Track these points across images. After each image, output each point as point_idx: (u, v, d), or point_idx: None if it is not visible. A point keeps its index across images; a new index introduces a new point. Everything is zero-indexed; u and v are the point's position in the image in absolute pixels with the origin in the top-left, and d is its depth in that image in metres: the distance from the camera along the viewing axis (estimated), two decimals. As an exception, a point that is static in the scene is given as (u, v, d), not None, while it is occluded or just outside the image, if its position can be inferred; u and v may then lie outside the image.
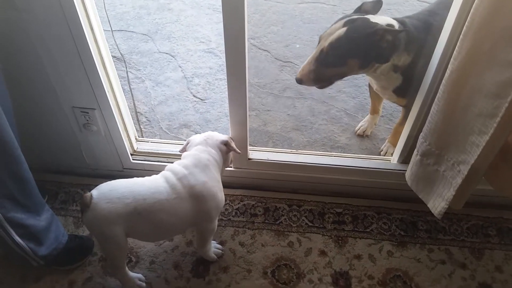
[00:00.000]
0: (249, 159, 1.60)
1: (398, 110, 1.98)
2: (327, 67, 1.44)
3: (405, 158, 1.57)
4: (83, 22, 1.20)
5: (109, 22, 2.68)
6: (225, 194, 1.52)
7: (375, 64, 1.43)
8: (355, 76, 2.04)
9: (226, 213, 1.59)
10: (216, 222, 1.33)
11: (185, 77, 2.27)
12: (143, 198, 1.15)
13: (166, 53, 2.43)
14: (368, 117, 1.97)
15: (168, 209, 1.17)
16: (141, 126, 1.98)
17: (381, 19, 1.38)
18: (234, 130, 1.50)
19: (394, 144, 1.80)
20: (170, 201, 1.17)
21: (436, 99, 1.14)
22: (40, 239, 1.30)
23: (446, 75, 1.07)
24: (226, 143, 1.35)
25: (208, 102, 2.12)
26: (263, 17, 2.73)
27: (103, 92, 1.39)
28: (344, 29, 1.37)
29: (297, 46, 2.46)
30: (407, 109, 1.61)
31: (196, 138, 1.35)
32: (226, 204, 1.61)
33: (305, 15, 2.72)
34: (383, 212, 1.59)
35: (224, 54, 1.28)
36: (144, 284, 1.37)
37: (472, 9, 0.94)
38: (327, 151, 1.87)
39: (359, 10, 1.47)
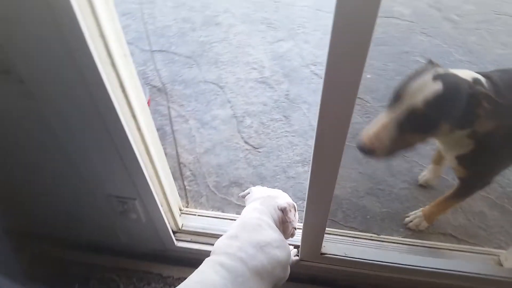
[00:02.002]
0: (322, 254, 1.28)
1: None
2: (412, 132, 1.08)
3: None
4: (120, 114, 0.90)
5: (148, 39, 2.38)
6: None
7: (457, 130, 1.12)
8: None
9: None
10: (289, 269, 1.11)
11: (235, 116, 1.94)
12: None
13: (213, 83, 2.11)
14: (430, 167, 1.66)
15: None
16: (185, 183, 1.69)
17: (465, 73, 1.10)
18: (309, 213, 1.14)
19: (427, 219, 1.50)
20: (245, 285, 0.94)
21: None
22: None
23: None
24: (283, 210, 1.09)
25: (262, 152, 1.79)
26: (326, 35, 2.33)
27: (145, 182, 1.10)
28: (440, 84, 1.03)
29: (368, 76, 2.07)
30: (463, 185, 1.36)
31: (257, 191, 1.18)
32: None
33: (376, 34, 2.31)
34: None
35: (279, 86, 0.97)
36: None
37: None
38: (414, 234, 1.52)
39: (431, 63, 1.16)
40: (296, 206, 1.14)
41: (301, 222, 1.18)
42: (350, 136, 0.87)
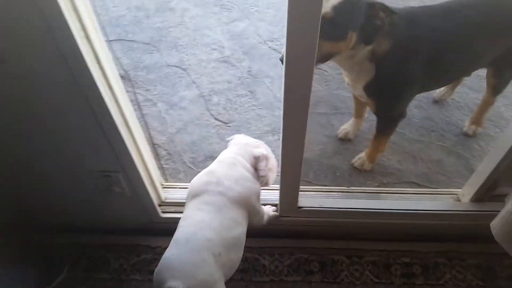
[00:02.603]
0: (299, 207, 1.38)
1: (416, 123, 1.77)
2: (326, 42, 1.20)
3: (479, 196, 1.36)
4: (100, 85, 0.95)
5: (104, 30, 2.37)
6: (272, 247, 1.42)
7: (361, 45, 1.27)
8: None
9: (276, 271, 1.38)
10: (262, 208, 1.27)
11: (202, 96, 2.00)
12: (209, 240, 1.00)
13: (176, 66, 2.15)
14: (351, 120, 1.81)
15: (230, 224, 1.07)
16: (162, 162, 1.73)
17: None
18: (284, 178, 1.26)
19: (370, 159, 1.68)
20: (225, 216, 1.07)
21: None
22: None
23: None
24: (256, 158, 1.21)
25: (232, 126, 1.87)
26: (279, 13, 2.42)
27: (128, 154, 1.15)
28: None
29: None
30: (379, 119, 1.53)
31: (240, 138, 1.30)
32: (275, 260, 1.40)
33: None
34: (455, 258, 1.40)
35: (240, 63, 1.04)
36: None
37: None
38: (377, 179, 1.66)
39: None
40: (272, 158, 1.25)
41: (279, 183, 1.28)
42: (313, 104, 0.96)
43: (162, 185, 1.50)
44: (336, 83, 2.01)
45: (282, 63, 1.17)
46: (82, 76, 0.92)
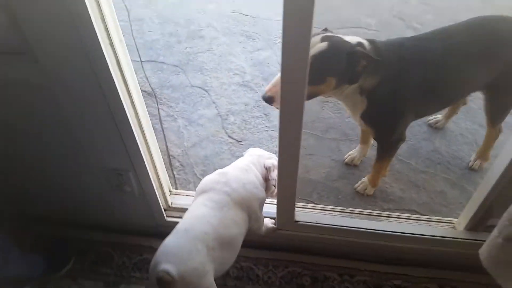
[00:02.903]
0: (296, 221, 1.44)
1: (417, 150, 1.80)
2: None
3: (473, 225, 1.38)
4: (119, 88, 1.08)
5: (138, 51, 2.58)
6: (268, 258, 1.49)
7: (345, 85, 1.37)
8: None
9: (269, 281, 1.43)
10: (263, 217, 1.35)
11: (220, 115, 2.13)
12: (205, 233, 1.10)
13: (199, 87, 2.30)
14: (358, 147, 1.88)
15: (228, 223, 1.15)
16: (174, 172, 1.85)
17: (352, 38, 1.35)
18: (281, 191, 1.33)
19: (371, 183, 1.72)
20: (226, 215, 1.16)
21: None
22: None
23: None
24: (267, 168, 1.32)
25: (244, 144, 1.97)
26: (300, 45, 2.56)
27: (139, 154, 1.27)
28: (325, 44, 1.29)
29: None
30: (380, 144, 1.61)
31: (254, 150, 1.41)
32: (269, 271, 1.45)
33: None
34: (446, 285, 1.41)
35: (259, 88, 1.14)
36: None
37: None
38: (379, 205, 1.70)
39: (326, 30, 1.42)
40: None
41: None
42: (324, 130, 1.02)
43: (171, 191, 1.61)
44: (348, 112, 2.10)
45: (265, 101, 1.34)
46: (105, 81, 1.06)
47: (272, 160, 1.36)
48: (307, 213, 1.47)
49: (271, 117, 2.11)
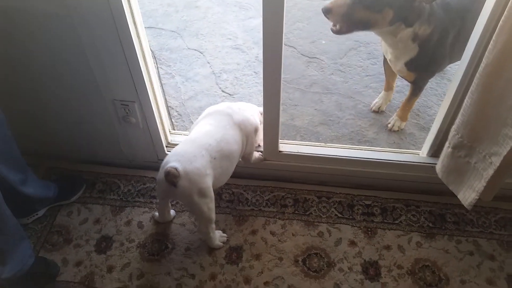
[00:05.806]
0: (280, 151, 1.65)
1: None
2: (363, 8, 1.42)
3: (434, 151, 1.59)
4: (128, 20, 1.27)
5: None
6: (256, 185, 1.69)
7: (401, 25, 1.48)
8: (381, 71, 2.07)
9: (257, 203, 1.64)
10: (256, 144, 1.60)
11: (214, 73, 2.33)
12: (209, 144, 1.32)
13: (195, 50, 2.50)
14: (382, 93, 2.05)
15: (229, 139, 1.38)
16: (173, 120, 2.05)
17: None
18: (266, 124, 1.54)
19: (401, 118, 1.91)
20: (227, 132, 1.39)
21: (469, 92, 1.16)
22: (4, 258, 1.23)
23: (481, 68, 1.09)
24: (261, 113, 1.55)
25: (236, 97, 2.18)
26: (289, 14, 2.76)
27: (144, 85, 1.46)
28: None
29: (323, 42, 2.49)
30: (415, 86, 1.77)
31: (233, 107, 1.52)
32: (257, 195, 1.66)
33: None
34: (412, 205, 1.62)
35: (250, 51, 1.34)
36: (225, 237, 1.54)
37: (509, 3, 0.96)
38: (355, 145, 1.91)
39: None
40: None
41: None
42: (308, 85, 1.18)
43: (170, 131, 1.81)
44: (331, 70, 2.30)
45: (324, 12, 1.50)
46: (117, 11, 1.25)
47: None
48: (290, 145, 1.68)
49: (261, 75, 2.29)
